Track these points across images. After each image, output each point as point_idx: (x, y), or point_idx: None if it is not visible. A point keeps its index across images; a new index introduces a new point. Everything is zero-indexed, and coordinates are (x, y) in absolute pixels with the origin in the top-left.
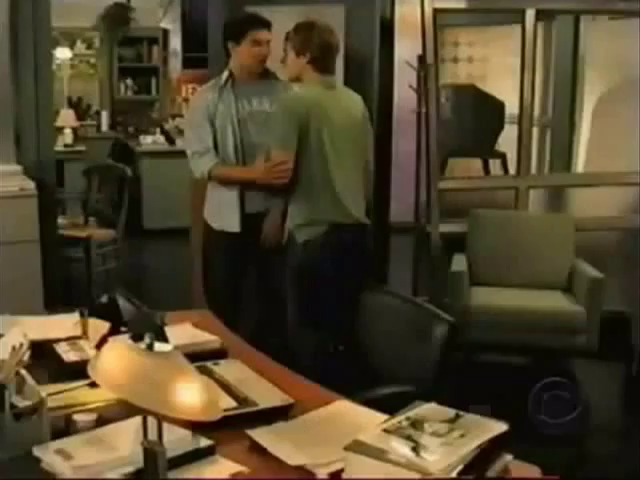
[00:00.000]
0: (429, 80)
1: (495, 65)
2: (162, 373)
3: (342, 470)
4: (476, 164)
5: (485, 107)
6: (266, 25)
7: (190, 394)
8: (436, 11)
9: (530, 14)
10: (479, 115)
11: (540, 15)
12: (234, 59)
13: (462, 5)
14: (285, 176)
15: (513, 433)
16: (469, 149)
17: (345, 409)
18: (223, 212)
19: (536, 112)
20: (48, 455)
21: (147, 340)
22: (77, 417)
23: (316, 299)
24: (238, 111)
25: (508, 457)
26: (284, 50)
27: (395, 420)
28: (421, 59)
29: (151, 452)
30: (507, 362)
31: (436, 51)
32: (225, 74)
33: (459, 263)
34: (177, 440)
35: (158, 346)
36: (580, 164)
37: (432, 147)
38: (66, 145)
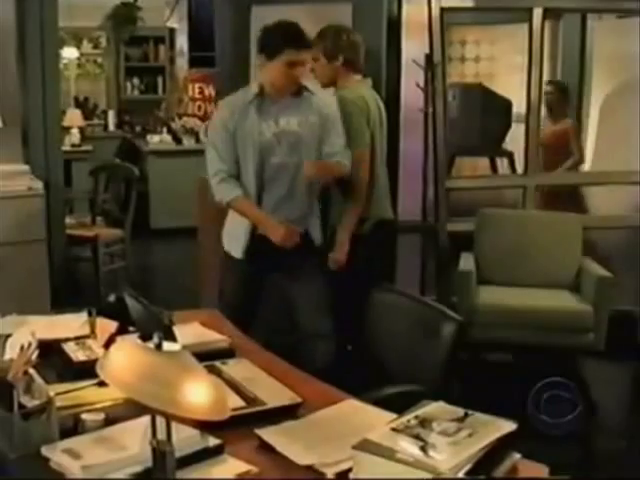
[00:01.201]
0: (436, 79)
1: (502, 64)
2: (171, 372)
3: (350, 469)
4: (483, 163)
5: (492, 106)
6: (307, 45)
7: (199, 393)
8: (443, 10)
9: (537, 13)
10: (486, 114)
11: (547, 13)
12: (264, 74)
13: (469, 4)
14: (295, 245)
15: (518, 432)
16: (476, 148)
17: (353, 408)
18: (232, 234)
19: (543, 111)
20: (57, 454)
21: (156, 339)
22: (85, 416)
23: (353, 297)
24: (261, 133)
25: (516, 456)
26: (313, 59)
27: (403, 419)
28: (428, 58)
29: (160, 451)
30: (513, 361)
31: (443, 50)
32: (254, 89)
33: (467, 262)
34: (186, 439)
35: (167, 345)
36: (587, 162)
37: (439, 146)
38: (73, 145)
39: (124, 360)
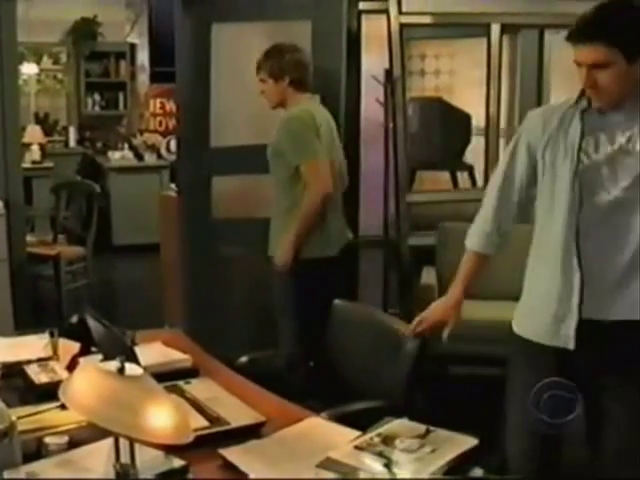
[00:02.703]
0: (396, 94)
1: (462, 77)
2: (133, 397)
3: None
4: (444, 176)
5: (452, 120)
6: (585, 39)
7: (161, 418)
8: (403, 26)
9: (495, 28)
10: (446, 128)
11: (505, 28)
12: None
13: (428, 20)
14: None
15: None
16: (437, 162)
17: (317, 426)
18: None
19: (502, 124)
20: (19, 479)
21: (118, 364)
22: (49, 440)
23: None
24: (580, 158)
25: (478, 471)
26: (261, 80)
27: (367, 437)
28: (388, 73)
29: (123, 475)
30: (480, 374)
31: (403, 65)
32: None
33: (429, 276)
34: (150, 461)
35: (129, 369)
36: None
37: (400, 160)
38: (34, 162)
39: (86, 385)
